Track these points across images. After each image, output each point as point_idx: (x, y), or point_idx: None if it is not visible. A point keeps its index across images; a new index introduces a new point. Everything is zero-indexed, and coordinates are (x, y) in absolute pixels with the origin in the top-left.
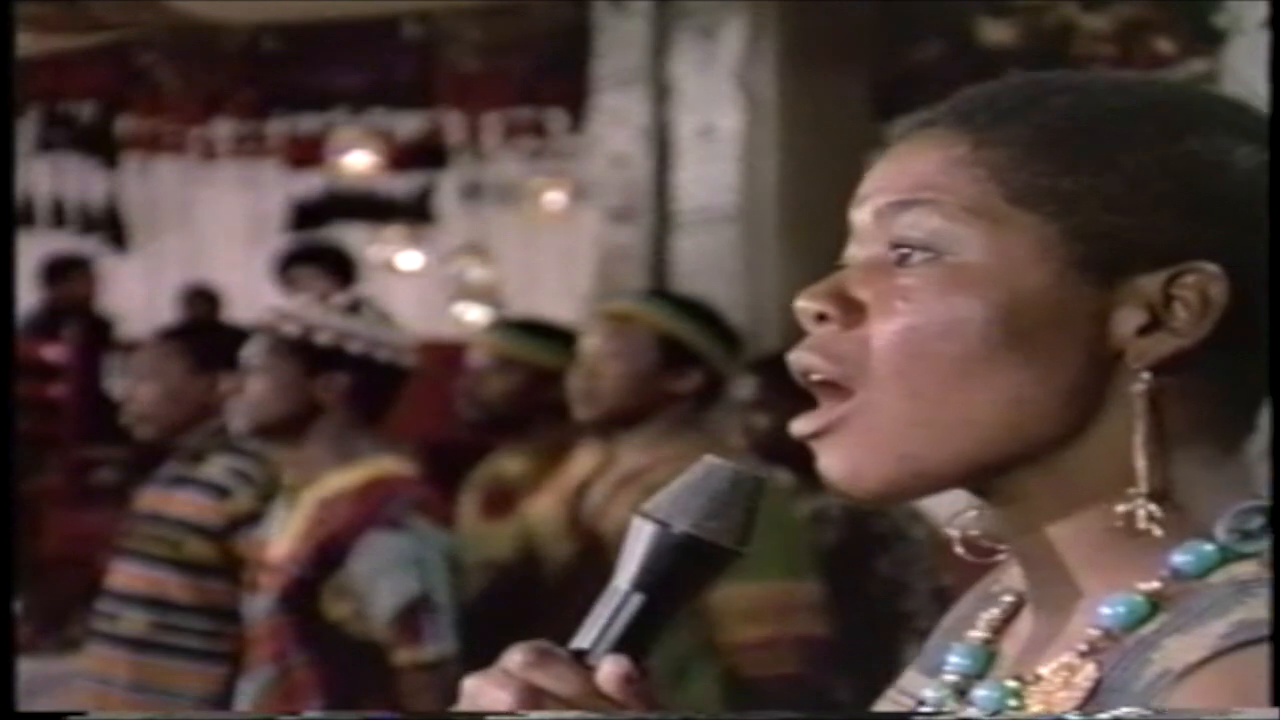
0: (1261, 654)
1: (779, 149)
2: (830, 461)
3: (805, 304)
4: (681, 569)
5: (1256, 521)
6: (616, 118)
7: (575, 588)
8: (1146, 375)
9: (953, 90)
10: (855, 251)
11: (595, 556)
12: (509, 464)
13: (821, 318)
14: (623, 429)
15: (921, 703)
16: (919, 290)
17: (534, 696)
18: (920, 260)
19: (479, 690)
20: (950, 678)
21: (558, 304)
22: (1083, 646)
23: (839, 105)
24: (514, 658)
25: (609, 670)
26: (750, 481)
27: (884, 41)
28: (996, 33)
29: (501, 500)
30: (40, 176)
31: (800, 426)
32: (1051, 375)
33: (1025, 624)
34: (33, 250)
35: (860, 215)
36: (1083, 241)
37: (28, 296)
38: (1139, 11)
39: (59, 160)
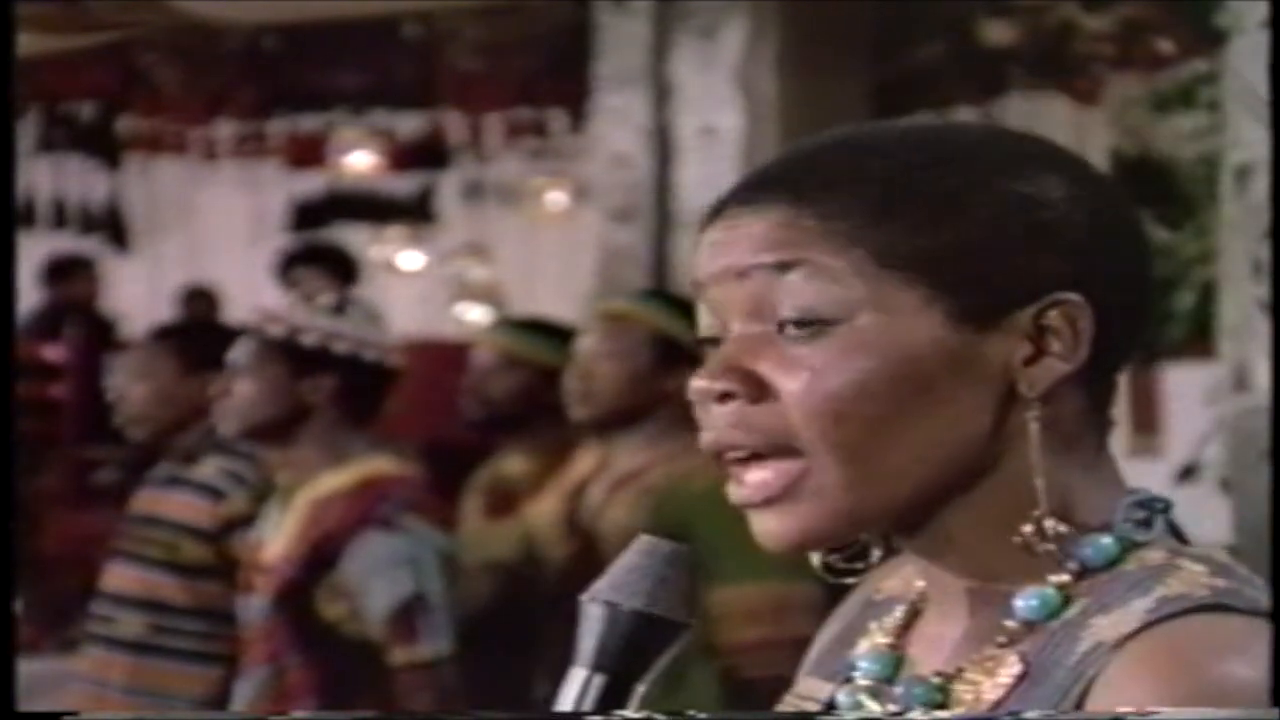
0: (1188, 624)
1: (779, 149)
2: (781, 524)
3: (708, 385)
4: (635, 646)
5: (1142, 513)
6: (617, 118)
7: (575, 589)
8: (1038, 403)
9: (953, 90)
10: (715, 324)
11: (592, 558)
12: (512, 464)
13: (727, 397)
14: (619, 429)
15: (833, 706)
16: (819, 358)
17: None
18: (811, 332)
19: None
20: (863, 682)
21: (558, 304)
22: (1002, 639)
23: (839, 105)
24: None
25: None
26: (686, 555)
27: (884, 41)
28: (997, 33)
29: (504, 501)
30: (41, 177)
31: (749, 494)
32: (962, 417)
33: (930, 628)
34: (34, 250)
35: (717, 289)
36: (953, 292)
37: (29, 296)
38: (1139, 11)
39: (60, 160)
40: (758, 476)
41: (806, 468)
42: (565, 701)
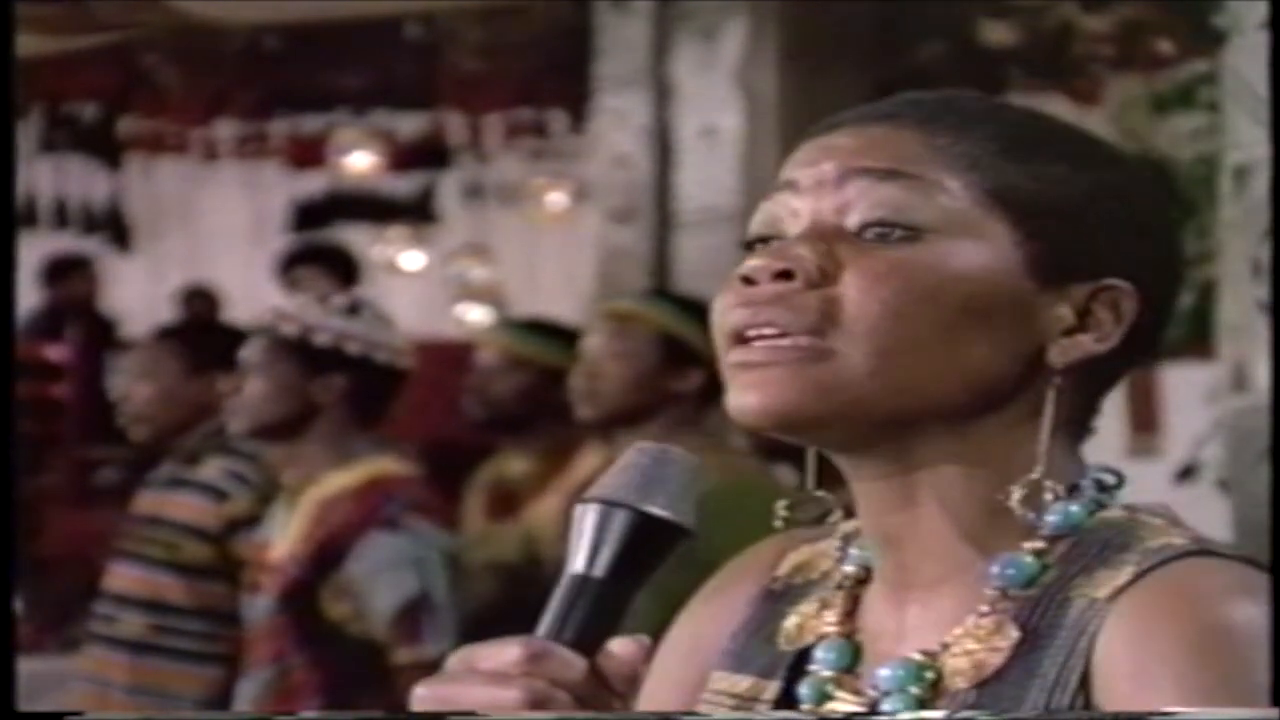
0: (1181, 567)
1: (779, 149)
2: (767, 391)
3: (768, 262)
4: (628, 546)
5: (1104, 482)
6: (618, 118)
7: None
8: (1059, 374)
9: (953, 90)
10: (785, 221)
11: None
12: (514, 465)
13: (785, 275)
14: (624, 429)
15: (793, 699)
16: (898, 259)
17: (544, 693)
18: (894, 236)
19: (458, 695)
20: (825, 673)
21: (559, 304)
22: (984, 608)
23: (839, 105)
24: (507, 655)
25: (626, 648)
26: (681, 458)
27: (884, 41)
28: (996, 33)
29: (507, 502)
30: (43, 177)
31: (754, 355)
32: (991, 358)
33: (878, 614)
34: (35, 250)
35: (804, 189)
36: (1040, 243)
37: (30, 296)
38: (1139, 11)
39: (61, 161)
40: (774, 342)
41: (830, 349)
42: (556, 607)
